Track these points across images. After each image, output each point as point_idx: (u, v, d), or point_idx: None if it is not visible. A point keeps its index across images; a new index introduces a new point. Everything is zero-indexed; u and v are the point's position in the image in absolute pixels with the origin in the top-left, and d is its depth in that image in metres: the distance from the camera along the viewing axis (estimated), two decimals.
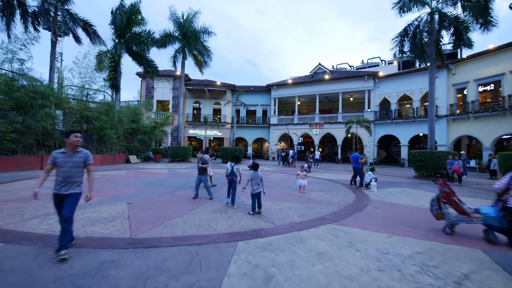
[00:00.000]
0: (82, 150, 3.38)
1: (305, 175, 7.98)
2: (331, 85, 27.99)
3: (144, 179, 10.30)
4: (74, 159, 3.26)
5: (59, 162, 3.19)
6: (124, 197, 6.67)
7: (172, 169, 15.29)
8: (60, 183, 3.18)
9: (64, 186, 3.19)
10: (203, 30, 22.13)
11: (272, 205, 6.08)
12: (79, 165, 3.31)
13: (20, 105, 11.28)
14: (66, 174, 3.18)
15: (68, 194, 3.20)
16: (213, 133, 31.34)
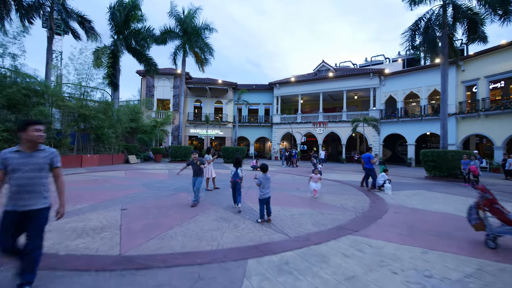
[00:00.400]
0: (46, 148, 2.50)
1: (319, 178, 7.24)
2: (335, 83, 27.34)
3: (142, 181, 9.73)
4: (35, 160, 2.36)
5: (12, 165, 2.25)
6: (119, 201, 6.10)
7: (172, 169, 14.72)
8: (15, 195, 2.27)
9: (21, 200, 2.28)
10: (204, 26, 21.56)
11: (281, 211, 5.49)
12: (43, 168, 2.42)
13: (12, 102, 10.74)
14: (23, 182, 2.28)
15: (30, 212, 2.31)
16: (215, 132, 30.76)
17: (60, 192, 2.68)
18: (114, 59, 17.98)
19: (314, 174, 7.24)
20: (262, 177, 4.90)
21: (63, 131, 14.13)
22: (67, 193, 6.51)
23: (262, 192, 4.82)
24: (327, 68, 29.03)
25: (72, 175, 10.87)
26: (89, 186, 8.22)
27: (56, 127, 13.80)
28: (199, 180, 6.03)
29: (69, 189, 7.78)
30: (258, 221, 4.76)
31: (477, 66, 19.64)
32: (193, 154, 6.29)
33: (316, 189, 7.09)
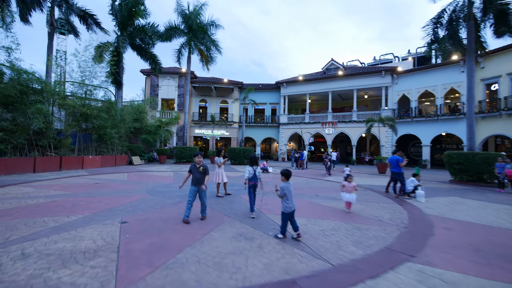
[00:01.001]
0: None
1: (354, 188, 5.74)
2: (345, 82, 26.37)
3: (146, 185, 8.95)
4: None
5: None
6: (119, 211, 5.30)
7: (177, 171, 13.97)
8: None
9: None
10: (210, 23, 20.86)
11: (309, 225, 4.64)
12: None
13: (8, 100, 10.06)
14: None
15: None
16: (220, 133, 29.98)
17: None
18: (117, 56, 17.31)
19: (347, 182, 5.77)
20: (285, 186, 4.02)
21: (64, 131, 13.46)
22: (61, 200, 5.73)
23: (287, 205, 3.97)
24: (336, 66, 28.09)
25: (71, 178, 10.15)
26: (87, 191, 7.46)
27: (56, 127, 13.10)
28: (203, 192, 4.84)
29: (65, 195, 7.04)
30: (279, 236, 3.95)
31: (498, 63, 18.54)
32: (197, 157, 4.92)
33: (350, 201, 5.69)
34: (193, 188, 4.82)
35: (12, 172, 10.25)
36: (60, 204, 5.75)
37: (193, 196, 4.78)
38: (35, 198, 6.22)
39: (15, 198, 6.20)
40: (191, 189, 4.83)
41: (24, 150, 11.08)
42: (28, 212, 5.00)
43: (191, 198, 4.78)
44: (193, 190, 4.81)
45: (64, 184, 8.63)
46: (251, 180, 5.29)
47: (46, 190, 7.34)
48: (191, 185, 4.84)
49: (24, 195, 6.61)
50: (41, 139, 11.86)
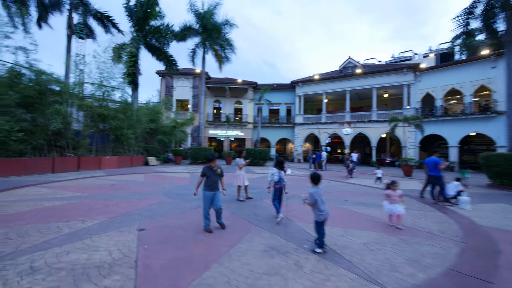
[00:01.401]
0: None
1: (401, 198, 4.66)
2: (363, 80, 25.34)
3: (163, 187, 8.64)
4: None
5: None
6: (136, 215, 4.95)
7: (193, 172, 13.67)
8: None
9: None
10: (224, 22, 20.54)
11: (347, 236, 4.07)
12: None
13: (28, 101, 10.09)
14: None
15: None
16: (234, 134, 29.67)
17: None
18: (133, 57, 17.33)
19: (391, 190, 4.75)
20: (315, 192, 3.56)
21: (82, 131, 13.49)
22: (78, 203, 5.45)
23: (320, 213, 3.51)
24: (354, 64, 27.09)
25: (89, 178, 10.03)
26: (104, 193, 7.21)
27: (74, 128, 13.14)
28: (218, 196, 4.29)
29: (81, 197, 6.72)
30: (317, 251, 3.42)
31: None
32: (213, 162, 4.24)
33: (397, 213, 4.60)
34: (209, 194, 4.21)
35: (32, 172, 10.27)
36: (76, 207, 5.48)
37: (209, 204, 4.24)
38: (51, 200, 5.99)
39: (32, 200, 6.00)
40: (206, 196, 4.20)
41: (43, 151, 11.10)
42: (43, 216, 4.73)
43: (208, 207, 4.23)
44: (209, 197, 4.20)
45: (81, 185, 8.46)
46: (277, 183, 5.09)
47: (63, 192, 7.15)
48: (205, 190, 4.23)
49: (41, 196, 6.42)
50: (59, 139, 11.89)
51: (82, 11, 16.42)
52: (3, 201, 5.75)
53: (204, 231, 4.16)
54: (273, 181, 5.18)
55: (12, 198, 6.15)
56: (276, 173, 5.18)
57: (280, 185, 5.14)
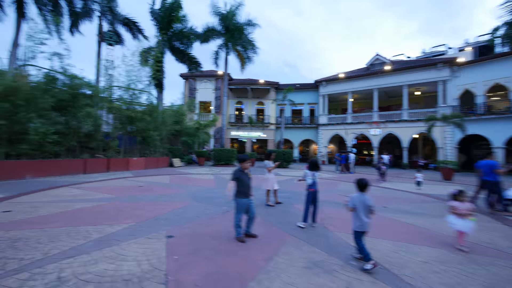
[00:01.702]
0: None
1: (469, 211, 3.73)
2: (393, 78, 23.91)
3: (189, 189, 8.50)
4: None
5: None
6: (163, 220, 4.75)
7: (217, 174, 13.53)
8: None
9: None
10: (246, 22, 20.39)
11: (401, 252, 3.53)
12: None
13: (62, 104, 10.51)
14: None
15: None
16: (257, 135, 29.41)
17: None
18: (159, 60, 17.69)
19: (459, 202, 3.82)
20: (356, 197, 3.24)
21: (111, 133, 13.91)
22: (106, 205, 5.37)
23: (360, 222, 3.16)
24: (382, 61, 25.68)
25: (117, 180, 10.20)
26: (132, 195, 7.18)
27: (104, 130, 13.58)
28: (253, 204, 3.94)
29: (110, 199, 6.60)
30: (366, 268, 2.94)
31: None
32: (246, 162, 3.89)
33: (465, 231, 3.71)
34: (244, 202, 3.81)
35: (65, 173, 10.66)
36: (105, 210, 5.41)
37: (243, 213, 3.86)
38: (82, 202, 6.02)
39: (64, 201, 6.07)
40: (241, 204, 3.80)
41: (76, 152, 11.53)
42: (73, 218, 4.68)
43: (241, 216, 3.84)
44: (244, 204, 3.81)
45: (110, 186, 8.56)
46: (312, 187, 4.70)
47: (93, 193, 7.22)
48: (238, 197, 3.81)
49: (73, 198, 6.50)
50: (90, 141, 12.31)
51: (111, 18, 17.02)
52: (38, 202, 5.86)
53: (235, 240, 3.82)
54: (308, 184, 4.78)
55: (46, 198, 6.26)
56: (310, 176, 4.79)
57: (314, 189, 4.74)
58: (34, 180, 9.09)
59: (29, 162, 9.48)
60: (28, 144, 9.35)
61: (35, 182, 8.80)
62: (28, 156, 9.62)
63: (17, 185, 7.99)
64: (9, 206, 5.42)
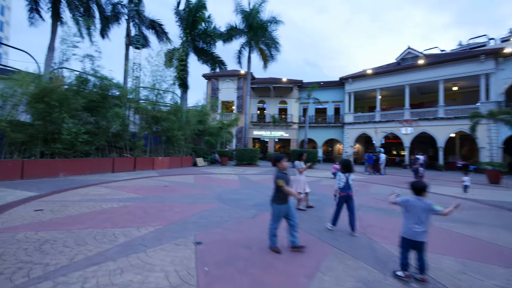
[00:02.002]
0: None
1: None
2: (428, 72, 22.19)
3: (214, 190, 8.27)
4: None
5: None
6: (190, 224, 4.48)
7: (241, 174, 13.27)
8: None
9: None
10: (270, 20, 19.97)
11: (469, 273, 2.93)
12: None
13: (92, 105, 10.80)
14: None
15: None
16: (279, 134, 28.87)
17: None
18: (183, 60, 17.83)
19: None
20: (407, 200, 2.83)
21: (137, 133, 14.18)
22: (133, 205, 5.23)
23: (407, 227, 2.77)
24: (415, 55, 23.98)
25: (143, 179, 10.27)
26: (158, 195, 7.07)
27: (131, 130, 13.86)
28: (293, 209, 3.54)
29: (137, 199, 6.40)
30: (398, 274, 2.65)
31: None
32: (283, 161, 3.48)
33: None
34: (283, 208, 3.39)
35: (95, 171, 10.95)
36: (132, 210, 5.28)
37: (281, 220, 3.47)
38: (109, 202, 5.97)
39: (92, 200, 6.07)
40: (279, 210, 3.39)
41: (105, 151, 11.82)
42: (101, 219, 4.57)
43: (278, 223, 3.47)
44: (283, 211, 3.40)
45: (137, 185, 8.57)
46: (344, 190, 4.36)
47: (120, 192, 7.21)
48: (276, 203, 3.40)
49: (101, 197, 6.50)
50: (118, 141, 12.59)
51: (138, 21, 17.42)
52: (68, 201, 5.89)
53: (270, 250, 3.43)
54: (339, 187, 4.39)
55: (75, 197, 6.31)
56: (343, 178, 4.37)
57: (346, 193, 4.33)
58: (66, 178, 9.39)
59: (62, 161, 9.81)
60: (62, 144, 9.68)
61: (67, 180, 9.07)
62: (61, 155, 9.97)
63: (51, 183, 8.24)
64: (41, 204, 5.48)
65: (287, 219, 3.45)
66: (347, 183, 4.37)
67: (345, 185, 4.35)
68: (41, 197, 6.24)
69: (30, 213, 4.82)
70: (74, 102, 10.02)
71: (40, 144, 9.51)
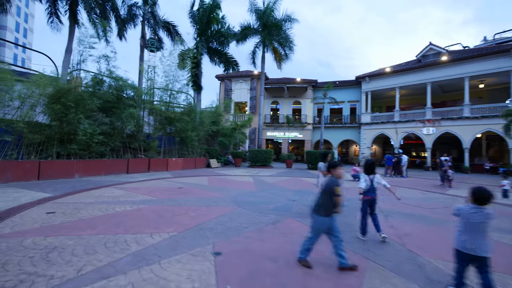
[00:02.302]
0: None
1: None
2: (451, 69, 21.00)
3: (229, 192, 7.92)
4: None
5: None
6: (207, 230, 4.12)
7: (255, 176, 12.88)
8: None
9: None
10: (284, 18, 19.57)
11: None
12: None
13: (107, 105, 10.76)
14: None
15: None
16: (293, 135, 28.28)
17: None
18: (196, 61, 17.71)
19: None
20: (469, 211, 2.36)
21: (152, 134, 14.11)
22: (147, 209, 4.95)
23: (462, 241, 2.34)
24: (437, 51, 22.80)
25: (157, 180, 10.08)
26: (172, 197, 6.79)
27: (145, 131, 13.81)
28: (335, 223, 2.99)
29: (151, 201, 6.05)
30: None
31: None
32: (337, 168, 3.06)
33: None
34: (328, 221, 2.93)
35: (110, 172, 10.88)
36: (145, 214, 5.00)
37: (320, 232, 3.02)
38: (123, 204, 5.73)
39: (106, 202, 5.85)
40: (323, 223, 2.95)
41: (120, 152, 11.77)
42: (113, 224, 4.29)
43: (318, 238, 3.04)
44: (327, 225, 2.94)
45: (151, 187, 8.36)
46: (368, 194, 4.04)
47: (134, 194, 6.99)
48: (320, 215, 2.95)
49: (115, 199, 6.29)
50: (133, 142, 12.53)
51: (153, 23, 17.48)
52: (81, 203, 5.70)
53: (298, 263, 3.00)
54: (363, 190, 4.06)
55: (89, 199, 6.13)
56: (368, 180, 4.03)
57: (370, 196, 4.03)
58: (81, 179, 9.33)
59: (78, 162, 9.78)
60: (77, 144, 9.65)
61: (82, 181, 9.00)
62: (77, 156, 9.95)
63: (66, 184, 8.17)
64: (54, 207, 5.30)
65: (330, 234, 2.99)
66: (371, 186, 4.03)
67: (369, 187, 4.02)
68: (55, 198, 6.10)
69: (42, 215, 4.63)
70: (90, 103, 9.99)
71: (56, 145, 9.51)
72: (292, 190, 8.89)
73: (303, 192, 8.45)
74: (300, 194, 8.11)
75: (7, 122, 8.23)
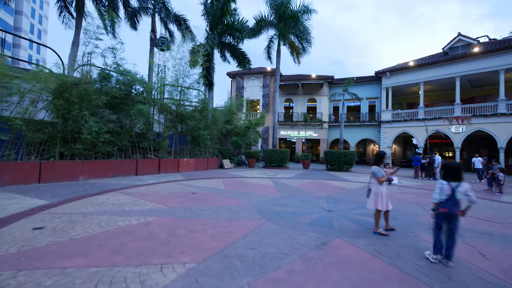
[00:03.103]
0: None
1: None
2: (484, 62, 19.22)
3: (251, 199, 6.85)
4: None
5: None
6: (236, 259, 3.05)
7: (274, 178, 11.78)
8: None
9: None
10: (302, 9, 18.37)
11: None
12: None
13: (115, 102, 9.91)
14: None
15: None
16: (308, 134, 26.98)
17: None
18: (208, 57, 16.76)
19: None
20: None
21: (162, 133, 13.23)
22: (156, 223, 3.90)
23: None
24: (467, 42, 21.04)
25: (168, 183, 9.14)
26: (185, 206, 5.78)
27: (155, 129, 12.93)
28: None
29: (160, 212, 4.94)
30: None
31: None
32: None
33: None
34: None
35: (117, 174, 10.04)
36: (154, 231, 3.99)
37: None
38: (127, 216, 4.75)
39: (107, 213, 4.90)
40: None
41: (128, 152, 10.92)
42: (111, 248, 3.29)
43: None
44: None
45: (161, 192, 7.40)
46: (445, 206, 3.07)
47: (142, 202, 6.02)
48: None
49: (119, 208, 5.34)
50: (142, 141, 11.68)
51: (164, 15, 16.63)
52: (79, 214, 4.76)
53: None
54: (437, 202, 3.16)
55: (89, 208, 5.19)
56: (447, 188, 3.09)
57: (449, 209, 3.02)
58: (86, 182, 8.49)
59: (82, 163, 8.94)
60: (82, 144, 8.82)
61: (87, 184, 8.15)
62: (82, 156, 9.13)
63: (68, 188, 7.32)
64: (46, 219, 4.37)
65: None
66: (452, 196, 3.02)
67: (448, 198, 3.03)
68: (50, 207, 5.19)
69: (26, 233, 3.69)
70: (95, 98, 9.14)
71: (60, 144, 8.70)
72: (321, 196, 7.73)
73: (335, 199, 7.29)
74: (333, 201, 6.95)
75: (4, 120, 7.43)
